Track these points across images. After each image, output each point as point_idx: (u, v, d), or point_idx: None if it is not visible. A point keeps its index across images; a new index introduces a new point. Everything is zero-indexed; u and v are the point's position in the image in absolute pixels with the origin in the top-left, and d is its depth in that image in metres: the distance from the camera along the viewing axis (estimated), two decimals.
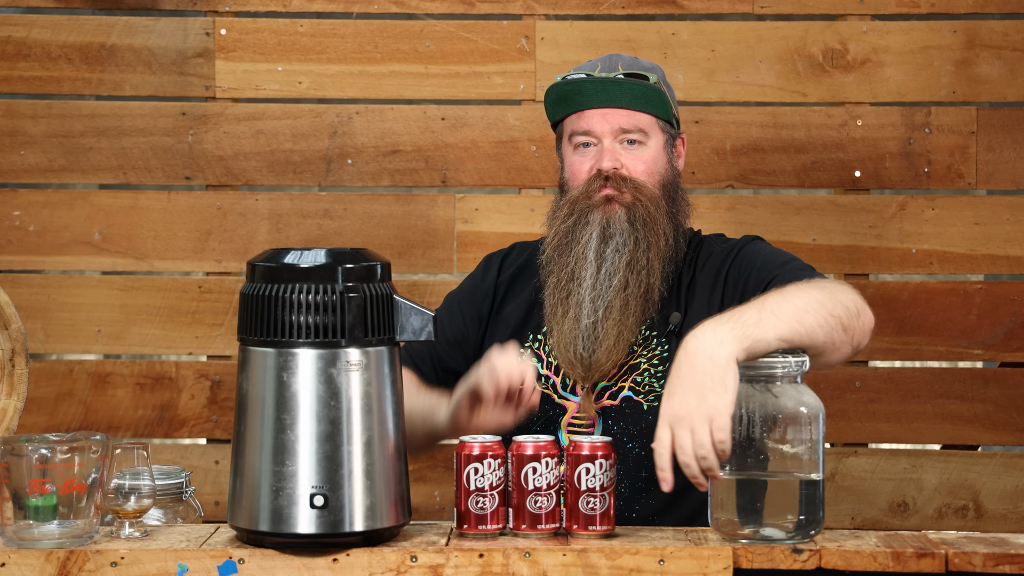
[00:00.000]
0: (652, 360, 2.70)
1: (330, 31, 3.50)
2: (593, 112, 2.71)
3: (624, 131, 2.70)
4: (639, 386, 2.69)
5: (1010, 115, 3.47)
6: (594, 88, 2.70)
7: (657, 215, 2.69)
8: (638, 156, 2.71)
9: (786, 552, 2.25)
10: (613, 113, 2.70)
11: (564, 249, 2.71)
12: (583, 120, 2.72)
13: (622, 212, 2.68)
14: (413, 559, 2.26)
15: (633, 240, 2.67)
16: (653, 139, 2.72)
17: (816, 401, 2.31)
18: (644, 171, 2.71)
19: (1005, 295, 3.48)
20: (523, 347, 2.74)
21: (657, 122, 2.73)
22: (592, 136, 2.72)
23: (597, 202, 2.69)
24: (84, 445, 2.28)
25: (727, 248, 2.75)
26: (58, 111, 3.50)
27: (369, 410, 2.28)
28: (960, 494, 3.48)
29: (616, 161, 2.69)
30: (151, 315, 3.50)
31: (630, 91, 2.70)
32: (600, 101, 2.70)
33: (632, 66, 2.74)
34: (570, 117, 2.75)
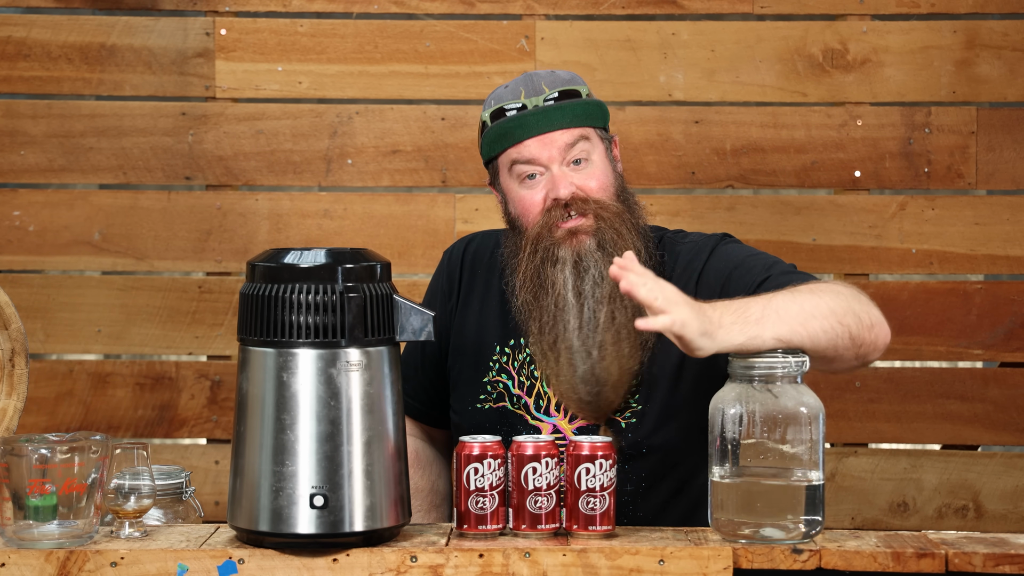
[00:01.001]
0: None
1: (330, 31, 3.50)
2: (533, 141, 2.58)
3: (569, 148, 2.59)
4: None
5: (1010, 115, 3.47)
6: (533, 118, 2.58)
7: (623, 230, 2.58)
8: (589, 174, 2.59)
9: (786, 552, 2.25)
10: (552, 137, 2.58)
11: (539, 292, 2.59)
12: (525, 150, 2.58)
13: (590, 241, 2.56)
14: (413, 559, 2.26)
15: (605, 263, 2.54)
16: (596, 151, 2.61)
17: (816, 401, 2.31)
18: (599, 187, 2.59)
19: (1005, 295, 3.48)
20: (491, 361, 2.68)
21: (596, 132, 2.63)
22: (538, 165, 2.58)
23: (561, 237, 2.56)
24: (84, 445, 2.28)
25: (697, 245, 2.66)
26: (58, 111, 3.50)
27: (369, 410, 2.28)
28: (960, 494, 3.48)
29: (571, 185, 2.56)
30: (151, 315, 3.50)
31: (570, 111, 2.60)
32: (540, 128, 2.59)
33: (555, 83, 2.62)
34: (508, 151, 2.61)
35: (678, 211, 3.48)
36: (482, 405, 2.67)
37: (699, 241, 2.67)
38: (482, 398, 2.67)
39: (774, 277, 2.52)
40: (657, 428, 2.60)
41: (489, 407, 2.66)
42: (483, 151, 2.66)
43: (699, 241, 2.67)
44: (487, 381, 2.67)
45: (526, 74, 2.65)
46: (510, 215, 2.65)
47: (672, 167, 3.49)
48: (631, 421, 2.60)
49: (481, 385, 2.67)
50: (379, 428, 2.29)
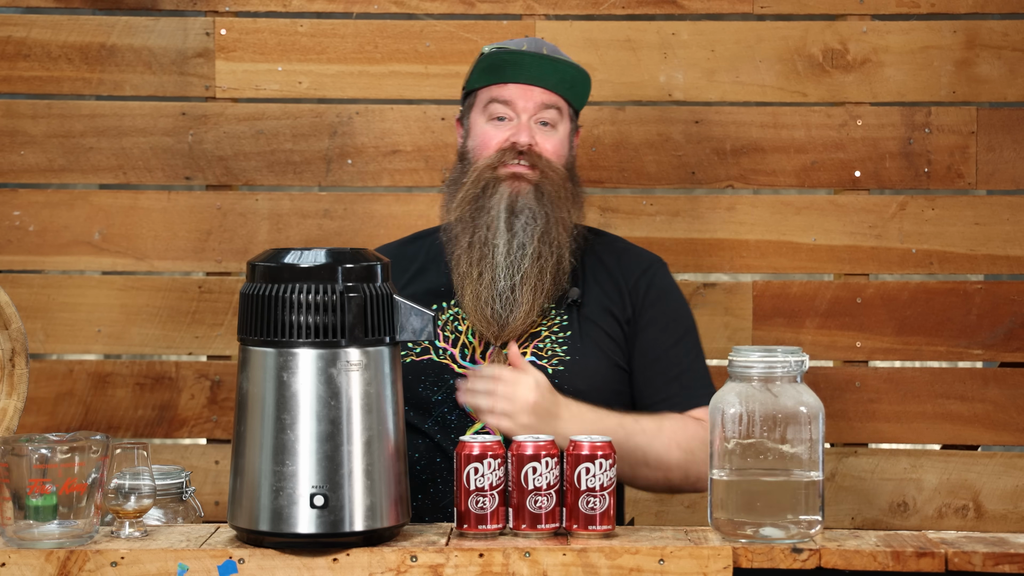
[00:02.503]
0: (553, 328, 2.81)
1: (330, 31, 3.50)
2: (517, 86, 2.81)
3: (544, 107, 2.81)
4: (542, 351, 2.79)
5: (1010, 115, 3.47)
6: (531, 62, 2.82)
7: (563, 194, 2.81)
8: (549, 137, 2.83)
9: (786, 552, 2.25)
10: (534, 91, 2.81)
11: (475, 214, 2.80)
12: (506, 91, 2.82)
13: (530, 189, 2.79)
14: (413, 559, 2.26)
15: (543, 215, 2.78)
16: (562, 125, 2.85)
17: (816, 401, 2.31)
18: (553, 152, 2.82)
19: (1005, 295, 3.48)
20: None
21: (569, 110, 2.86)
22: (512, 109, 2.82)
23: (504, 176, 2.80)
24: (84, 445, 2.28)
25: (634, 257, 2.91)
26: (58, 111, 3.50)
27: (369, 410, 2.28)
28: (960, 494, 3.48)
29: (532, 138, 2.80)
30: (151, 315, 3.50)
31: (562, 71, 2.83)
32: (530, 77, 2.81)
33: (556, 52, 2.87)
34: (491, 87, 2.84)
35: (678, 211, 3.48)
36: (404, 358, 2.79)
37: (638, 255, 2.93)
38: (403, 354, 2.79)
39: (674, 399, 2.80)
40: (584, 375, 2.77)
41: (412, 360, 2.80)
42: (469, 79, 2.89)
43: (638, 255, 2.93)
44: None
45: (536, 39, 2.91)
46: (464, 148, 2.89)
47: (672, 167, 3.49)
48: (558, 368, 2.77)
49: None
50: (379, 428, 2.29)
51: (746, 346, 2.36)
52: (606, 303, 2.84)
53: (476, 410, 2.62)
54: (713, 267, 3.49)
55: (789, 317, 3.47)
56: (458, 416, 2.77)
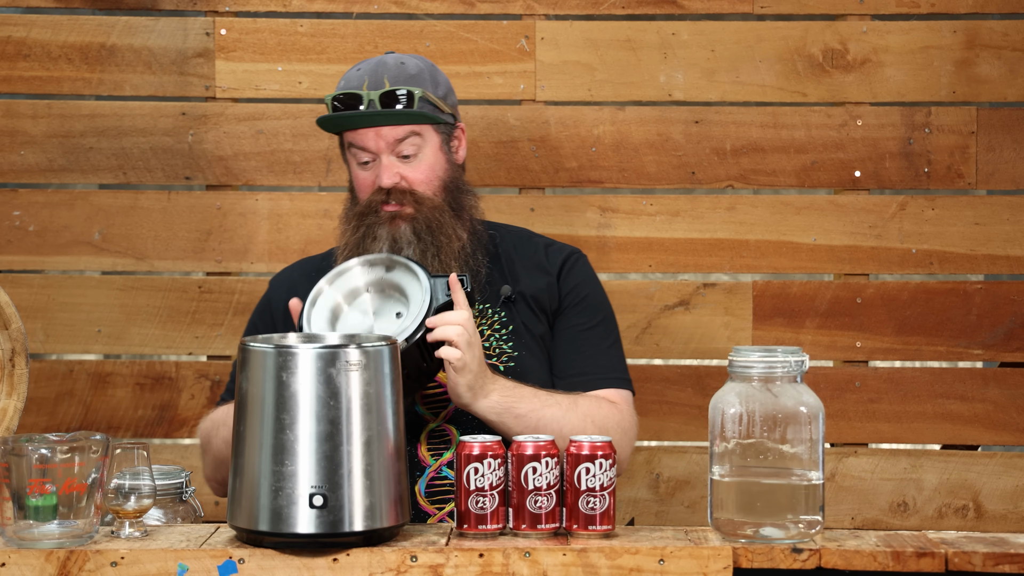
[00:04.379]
0: (494, 326, 2.87)
1: (330, 31, 3.50)
2: (366, 131, 2.84)
3: (399, 143, 2.83)
4: (489, 350, 2.85)
5: (1010, 115, 3.47)
6: (364, 118, 2.82)
7: (442, 219, 2.85)
8: (415, 167, 2.85)
9: (786, 552, 2.25)
10: (383, 131, 2.83)
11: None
12: (358, 137, 2.85)
13: (406, 227, 2.83)
14: (413, 559, 2.26)
15: (421, 251, 2.83)
16: (428, 144, 2.87)
17: (816, 400, 2.31)
18: (422, 180, 2.85)
19: (1005, 295, 3.48)
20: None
21: (431, 127, 2.87)
22: (367, 152, 2.85)
23: (384, 218, 2.84)
24: (84, 445, 2.28)
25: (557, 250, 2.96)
26: (58, 111, 3.50)
27: (368, 410, 2.28)
28: (960, 494, 3.48)
29: (395, 176, 2.83)
30: (151, 315, 3.50)
31: (400, 115, 2.83)
32: (374, 122, 2.82)
33: (398, 78, 2.85)
34: (346, 133, 2.88)
35: (678, 211, 3.48)
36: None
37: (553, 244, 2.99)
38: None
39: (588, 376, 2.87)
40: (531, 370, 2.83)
41: None
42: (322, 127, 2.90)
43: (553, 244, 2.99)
44: None
45: (381, 60, 2.89)
46: (351, 185, 2.94)
47: (672, 167, 3.49)
48: (510, 365, 2.83)
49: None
50: (378, 428, 2.29)
51: (746, 346, 2.36)
52: (538, 297, 2.90)
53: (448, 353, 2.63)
54: (713, 267, 3.49)
55: (789, 317, 3.47)
56: (412, 420, 2.80)
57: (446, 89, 2.92)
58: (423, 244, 2.82)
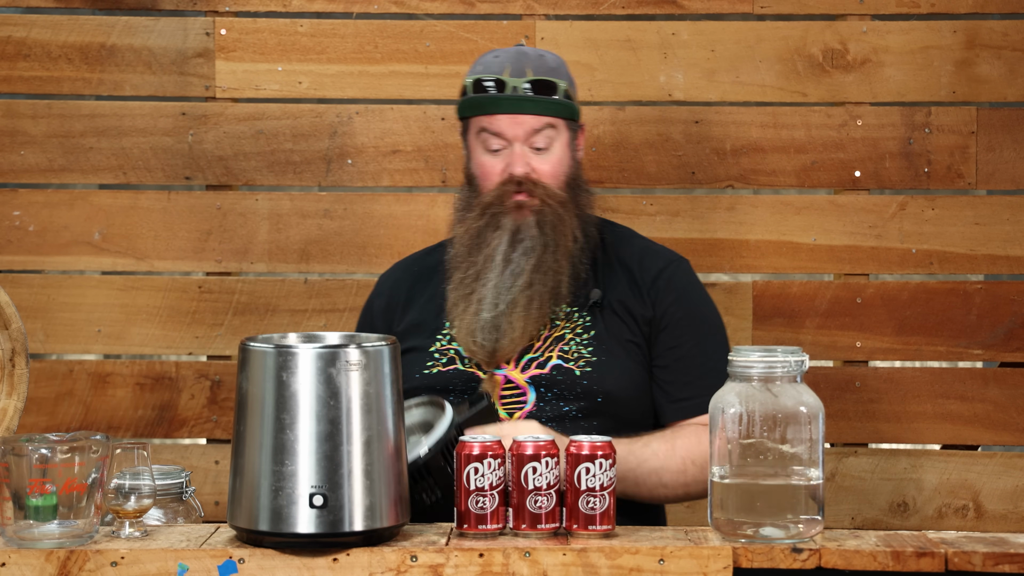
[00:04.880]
0: (576, 331, 2.84)
1: (330, 31, 3.50)
2: (504, 117, 2.83)
3: (535, 133, 2.82)
4: (567, 354, 2.82)
5: (1010, 115, 3.47)
6: (508, 103, 2.82)
7: (565, 215, 2.84)
8: (546, 159, 2.84)
9: (786, 552, 2.25)
10: (523, 119, 2.83)
11: (473, 249, 2.86)
12: (495, 123, 2.84)
13: (532, 218, 2.83)
14: (413, 559, 2.26)
15: (542, 244, 2.82)
16: (560, 138, 2.86)
17: (816, 400, 2.31)
18: (551, 173, 2.84)
19: (1005, 295, 3.48)
20: (440, 335, 2.88)
21: (566, 122, 2.87)
22: (503, 139, 2.84)
23: (509, 207, 2.83)
24: (84, 445, 2.28)
25: (654, 257, 2.92)
26: (58, 111, 3.50)
27: (368, 410, 2.28)
28: (960, 494, 3.48)
29: (527, 166, 2.82)
30: (151, 315, 3.50)
31: (542, 104, 2.82)
32: (512, 110, 2.82)
33: (540, 69, 2.84)
34: (479, 117, 2.86)
35: (678, 211, 3.48)
36: (430, 370, 2.84)
37: (660, 253, 2.94)
38: (430, 364, 2.85)
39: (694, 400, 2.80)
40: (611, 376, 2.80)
41: (438, 371, 2.84)
42: (458, 110, 2.91)
43: (660, 253, 2.94)
44: (435, 350, 2.86)
45: (519, 50, 2.89)
46: (469, 171, 2.91)
47: (672, 167, 3.49)
48: (586, 370, 2.79)
49: (429, 354, 2.86)
50: (378, 428, 2.29)
51: (746, 346, 2.36)
52: (627, 303, 2.86)
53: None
54: (713, 267, 3.49)
55: (789, 317, 3.47)
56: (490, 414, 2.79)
57: (575, 88, 2.92)
58: (544, 237, 2.82)
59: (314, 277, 3.51)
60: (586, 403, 2.79)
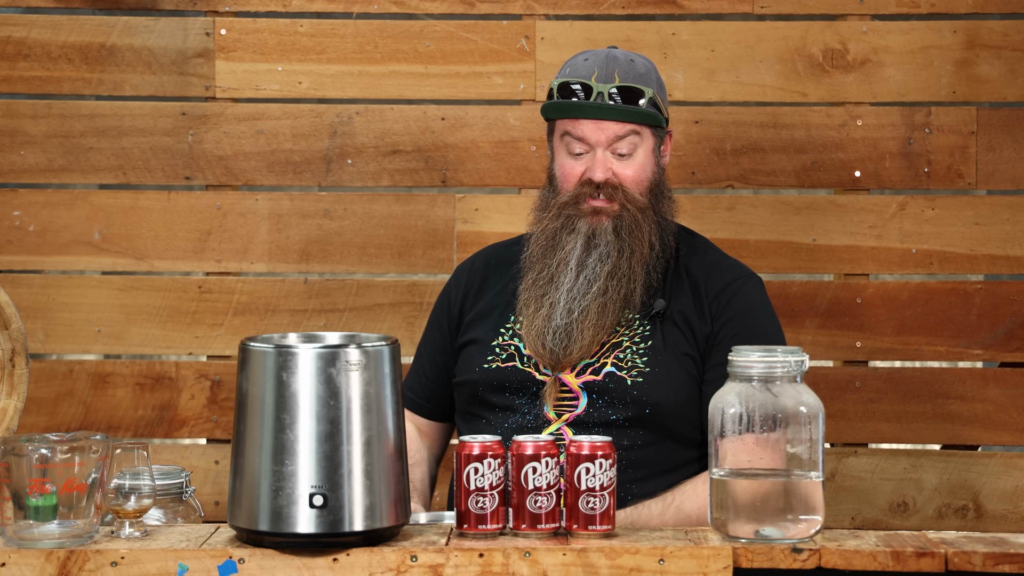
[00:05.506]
0: (634, 339, 2.81)
1: (330, 31, 3.50)
2: (588, 123, 2.81)
3: (619, 139, 2.81)
4: (621, 362, 2.79)
5: (1010, 115, 3.47)
6: (593, 109, 2.80)
7: (643, 221, 2.82)
8: (628, 164, 2.82)
9: (786, 552, 2.25)
10: (607, 124, 2.81)
11: (548, 250, 2.83)
12: (579, 127, 2.82)
13: (609, 223, 2.81)
14: (413, 559, 2.26)
15: (617, 250, 2.80)
16: (644, 145, 2.84)
17: (816, 400, 2.31)
18: (632, 179, 2.82)
19: (1005, 295, 3.48)
20: (504, 328, 2.86)
21: (650, 129, 2.84)
22: (586, 143, 2.82)
23: (585, 211, 2.81)
24: (84, 445, 2.28)
25: (722, 272, 2.88)
26: (58, 111, 3.50)
27: (368, 410, 2.28)
28: (960, 494, 3.48)
29: (608, 172, 2.81)
30: (151, 315, 3.50)
31: (626, 112, 2.80)
32: (600, 114, 2.80)
33: (628, 75, 2.82)
34: (564, 121, 2.84)
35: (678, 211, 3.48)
36: (489, 365, 2.83)
37: (728, 267, 2.90)
38: (490, 359, 2.84)
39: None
40: (661, 388, 2.77)
41: (497, 366, 2.83)
42: (543, 111, 2.90)
43: (728, 267, 2.90)
44: (496, 344, 2.84)
45: (609, 53, 2.85)
46: (551, 171, 2.90)
47: (672, 167, 3.48)
48: (637, 380, 2.77)
49: (490, 348, 2.84)
50: (378, 428, 2.29)
51: (746, 346, 2.36)
52: (688, 316, 2.83)
53: None
54: None
55: (789, 317, 3.47)
56: (536, 417, 2.79)
57: (665, 92, 2.89)
58: (620, 242, 2.80)
59: (314, 277, 3.51)
60: (634, 413, 2.76)
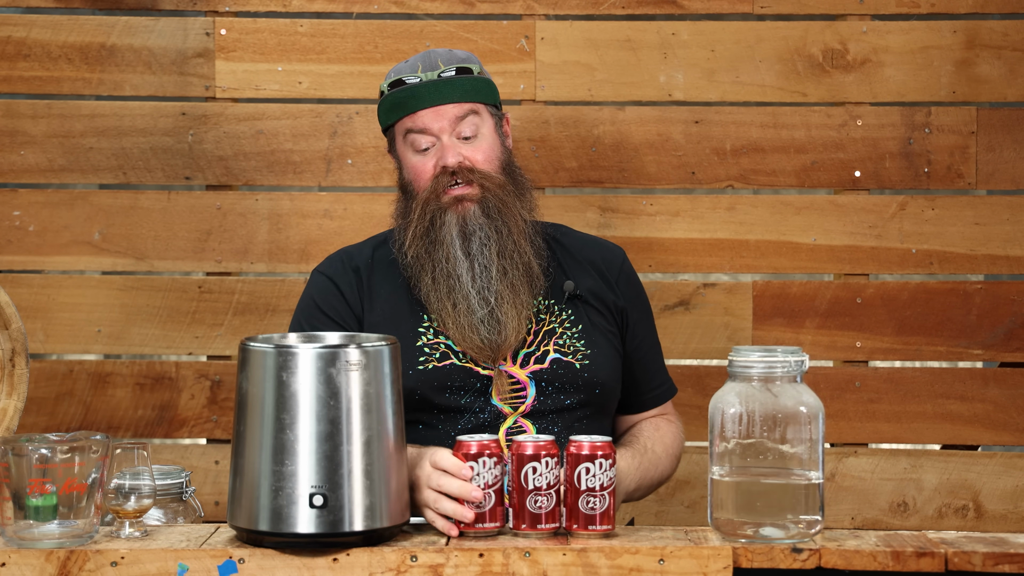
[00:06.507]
0: (564, 324, 2.83)
1: (330, 31, 3.50)
2: (426, 112, 2.81)
3: (459, 120, 2.81)
4: (564, 347, 2.81)
5: (1010, 115, 3.47)
6: (426, 90, 2.81)
7: (508, 198, 2.82)
8: (476, 147, 2.82)
9: (786, 552, 2.25)
10: (445, 109, 2.81)
11: (430, 248, 2.80)
12: (418, 120, 2.82)
13: (475, 208, 2.80)
14: (413, 559, 2.26)
15: (494, 230, 2.79)
16: (486, 124, 2.85)
17: (815, 400, 2.31)
18: (484, 159, 2.82)
19: (1005, 295, 3.48)
20: (421, 327, 2.82)
21: (487, 108, 2.86)
22: (429, 135, 2.82)
23: (448, 202, 2.80)
24: (84, 445, 2.28)
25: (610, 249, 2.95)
26: (58, 111, 3.50)
27: (368, 410, 2.28)
28: (960, 494, 3.48)
29: (459, 155, 2.80)
30: (151, 315, 3.50)
31: (461, 86, 2.82)
32: (433, 101, 2.81)
33: (451, 60, 2.85)
34: (403, 120, 2.84)
35: (678, 211, 3.48)
36: (424, 366, 2.77)
37: (601, 244, 2.97)
38: (422, 360, 2.78)
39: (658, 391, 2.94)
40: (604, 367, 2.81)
41: (433, 366, 2.78)
42: (380, 119, 2.90)
43: (601, 244, 2.97)
44: (422, 345, 2.79)
45: (426, 51, 2.89)
46: (403, 180, 2.88)
47: (672, 167, 3.49)
48: (585, 363, 2.79)
49: (418, 349, 2.79)
50: (378, 428, 2.29)
51: (746, 346, 2.36)
52: (600, 294, 2.88)
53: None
54: (713, 267, 3.49)
55: (789, 317, 3.47)
56: (490, 414, 2.76)
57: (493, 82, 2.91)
58: (494, 223, 2.79)
59: None
60: (585, 395, 2.80)
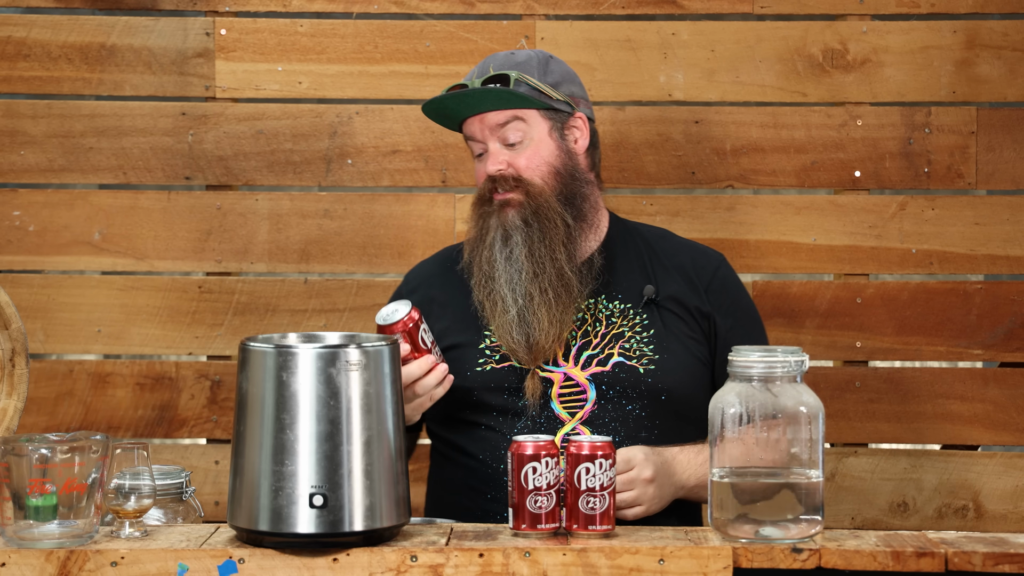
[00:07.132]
0: (635, 329, 2.83)
1: (330, 31, 3.50)
2: (472, 120, 2.87)
3: (501, 127, 2.84)
4: (629, 351, 2.80)
5: (1010, 115, 3.47)
6: (455, 103, 2.86)
7: (548, 204, 2.83)
8: (519, 152, 2.85)
9: (786, 552, 2.25)
10: (487, 117, 2.85)
11: (477, 249, 2.86)
12: (467, 127, 2.89)
13: (514, 214, 2.83)
14: (413, 559, 2.26)
15: (527, 235, 2.82)
16: (534, 130, 2.85)
17: (815, 400, 2.31)
18: (527, 166, 2.84)
19: (1005, 295, 3.48)
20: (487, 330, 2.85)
21: (536, 112, 2.86)
22: (477, 142, 2.88)
23: (495, 208, 2.85)
24: (84, 445, 2.28)
25: (703, 254, 2.96)
26: (58, 111, 3.50)
27: (368, 410, 2.28)
28: (960, 494, 3.48)
29: (499, 163, 2.84)
30: (151, 315, 3.50)
31: (496, 96, 2.83)
32: (474, 107, 2.85)
33: (503, 65, 2.86)
34: (462, 126, 2.91)
35: (678, 211, 3.48)
36: (483, 368, 2.81)
37: (694, 248, 2.99)
38: (481, 361, 2.82)
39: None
40: (672, 373, 2.80)
41: (492, 368, 2.81)
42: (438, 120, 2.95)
43: (694, 248, 2.99)
44: (484, 347, 2.83)
45: (494, 54, 2.92)
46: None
47: (672, 167, 3.49)
48: (649, 368, 2.78)
49: (479, 351, 2.83)
50: (378, 428, 2.29)
51: (746, 346, 2.36)
52: (683, 299, 2.87)
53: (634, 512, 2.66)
54: None
55: (789, 317, 3.47)
56: (547, 418, 2.78)
57: (559, 77, 2.89)
58: (529, 228, 2.82)
59: (314, 277, 3.51)
60: (648, 402, 2.78)
